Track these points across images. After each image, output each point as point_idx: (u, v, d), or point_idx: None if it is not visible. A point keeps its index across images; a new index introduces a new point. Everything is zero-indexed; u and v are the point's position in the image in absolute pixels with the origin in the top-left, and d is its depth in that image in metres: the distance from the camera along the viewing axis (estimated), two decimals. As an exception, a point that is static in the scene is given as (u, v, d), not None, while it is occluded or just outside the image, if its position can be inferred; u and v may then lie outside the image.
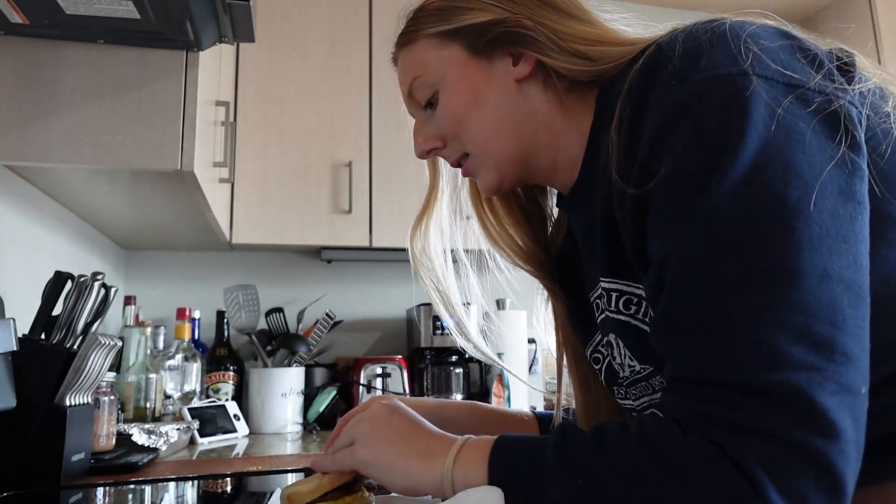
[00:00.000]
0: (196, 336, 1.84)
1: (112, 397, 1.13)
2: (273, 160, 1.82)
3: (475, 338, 0.82)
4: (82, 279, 1.03)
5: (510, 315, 1.97)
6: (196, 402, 1.63)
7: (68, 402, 0.98)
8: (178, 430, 1.34)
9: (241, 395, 1.81)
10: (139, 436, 1.21)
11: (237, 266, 2.07)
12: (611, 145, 0.54)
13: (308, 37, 1.90)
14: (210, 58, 1.24)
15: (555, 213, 0.81)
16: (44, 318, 1.02)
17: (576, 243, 0.74)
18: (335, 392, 1.82)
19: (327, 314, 1.83)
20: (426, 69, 0.68)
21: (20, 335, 0.92)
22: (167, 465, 1.18)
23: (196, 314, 1.86)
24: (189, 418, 1.50)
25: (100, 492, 0.97)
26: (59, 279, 1.04)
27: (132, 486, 1.01)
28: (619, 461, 0.46)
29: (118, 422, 1.25)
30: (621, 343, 0.63)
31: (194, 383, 1.70)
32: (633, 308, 0.60)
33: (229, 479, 1.07)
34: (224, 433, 1.56)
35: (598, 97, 0.63)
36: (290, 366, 1.79)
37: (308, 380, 1.84)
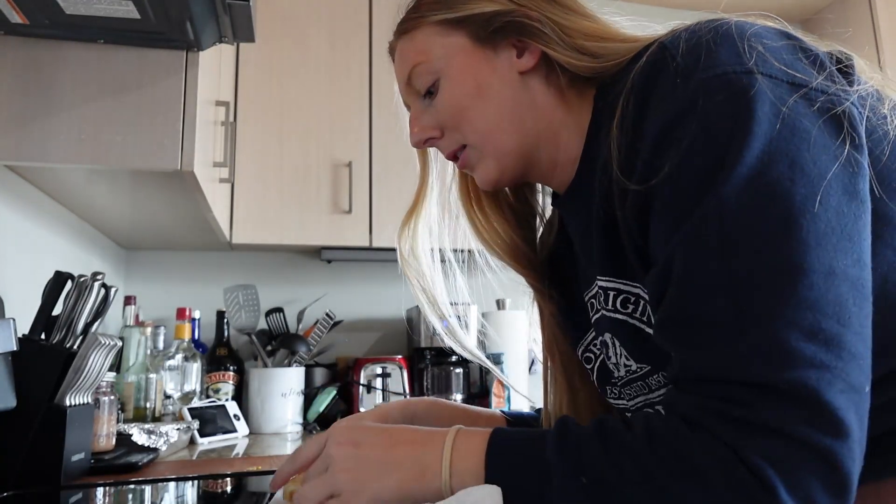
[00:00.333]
0: (196, 336, 1.84)
1: (112, 397, 1.13)
2: (273, 160, 1.82)
3: (462, 338, 0.80)
4: (82, 279, 1.03)
5: (510, 315, 1.97)
6: (196, 402, 1.63)
7: (68, 402, 0.98)
8: (178, 430, 1.34)
9: (241, 395, 1.81)
10: (139, 436, 1.21)
11: (237, 266, 2.07)
12: (612, 142, 0.54)
13: (308, 37, 1.90)
14: (210, 58, 1.24)
15: (547, 212, 0.81)
16: (44, 318, 1.02)
17: (569, 243, 0.73)
18: (335, 392, 1.82)
19: (327, 314, 1.83)
20: (428, 56, 0.66)
21: (20, 335, 0.92)
22: (167, 465, 1.18)
23: (196, 314, 1.86)
24: (189, 418, 1.50)
25: (100, 492, 0.97)
26: (59, 279, 1.04)
27: (132, 486, 1.01)
28: (625, 459, 0.46)
29: (118, 422, 1.25)
30: (617, 342, 0.63)
31: (194, 383, 1.70)
32: (630, 307, 0.60)
33: (229, 479, 1.07)
34: (224, 433, 1.56)
35: (597, 94, 0.63)
36: (290, 366, 1.79)
37: (308, 380, 1.84)
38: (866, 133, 0.50)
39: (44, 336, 1.01)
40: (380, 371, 1.88)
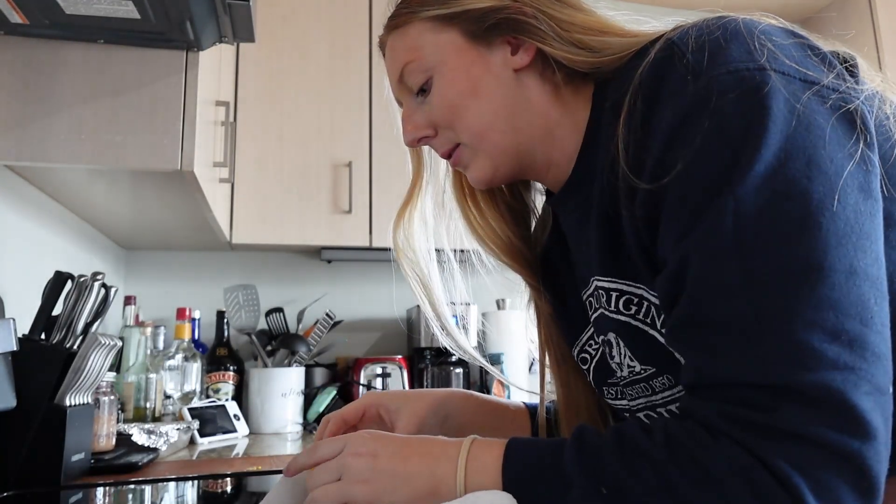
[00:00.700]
0: (196, 336, 1.84)
1: (112, 397, 1.13)
2: (273, 160, 1.82)
3: (458, 335, 0.79)
4: (82, 279, 1.03)
5: (510, 315, 1.97)
6: (196, 402, 1.63)
7: (68, 402, 0.98)
8: (178, 430, 1.34)
9: (241, 395, 1.81)
10: (139, 436, 1.21)
11: (237, 266, 2.07)
12: (618, 140, 0.53)
13: (308, 37, 1.90)
14: (210, 58, 1.24)
15: (538, 209, 0.80)
16: (44, 318, 1.02)
17: (563, 241, 0.73)
18: (335, 392, 1.82)
19: (327, 314, 1.83)
20: (420, 53, 0.65)
21: (20, 335, 0.92)
22: (167, 465, 1.18)
23: (196, 314, 1.86)
24: (189, 418, 1.50)
25: (100, 492, 0.97)
26: (59, 279, 1.04)
27: (132, 486, 1.01)
28: (646, 467, 0.44)
29: (118, 422, 1.25)
30: (622, 342, 0.62)
31: (194, 383, 1.70)
32: (633, 308, 0.59)
33: (229, 479, 1.07)
34: (224, 433, 1.56)
35: (596, 91, 0.62)
36: (290, 366, 1.79)
37: (308, 380, 1.84)
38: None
39: (44, 336, 1.01)
40: (380, 371, 1.88)
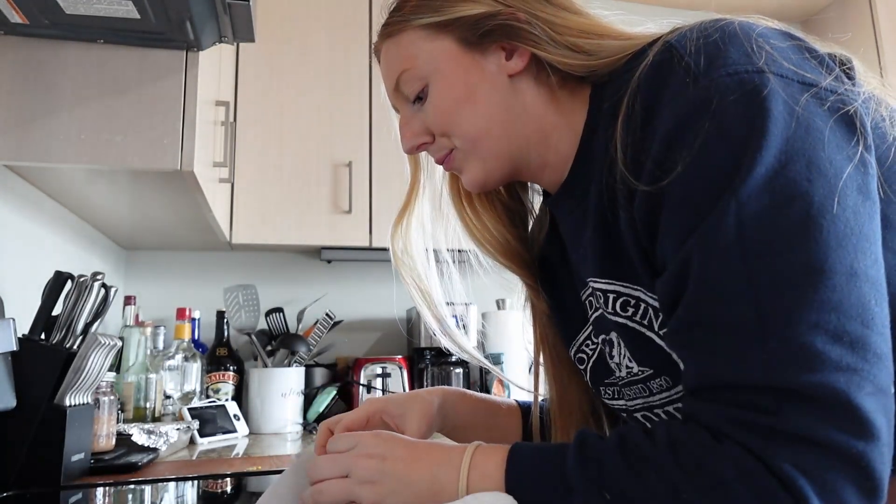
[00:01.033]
0: (196, 336, 1.84)
1: (112, 397, 1.14)
2: (273, 160, 1.82)
3: (459, 338, 0.79)
4: (82, 279, 1.03)
5: (510, 315, 1.97)
6: (196, 402, 1.63)
7: (68, 402, 0.98)
8: (178, 430, 1.34)
9: (241, 395, 1.81)
10: (139, 436, 1.21)
11: (237, 266, 2.07)
12: (616, 142, 0.53)
13: (308, 37, 1.90)
14: (210, 58, 1.24)
15: (536, 208, 0.80)
16: (44, 318, 1.02)
17: (561, 241, 0.73)
18: (335, 392, 1.82)
19: (327, 314, 1.83)
20: (415, 62, 0.65)
21: (20, 335, 0.92)
22: (167, 465, 1.18)
23: (196, 314, 1.86)
24: (189, 418, 1.50)
25: (100, 492, 0.97)
26: (59, 279, 1.04)
27: (132, 486, 1.01)
28: (649, 473, 0.44)
29: (118, 422, 1.25)
30: (622, 343, 0.62)
31: (194, 383, 1.70)
32: (630, 310, 0.59)
33: (229, 479, 1.07)
34: (224, 433, 1.56)
35: (593, 93, 0.62)
36: (290, 366, 1.79)
37: (308, 380, 1.84)
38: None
39: (44, 336, 1.01)
40: (380, 371, 1.88)
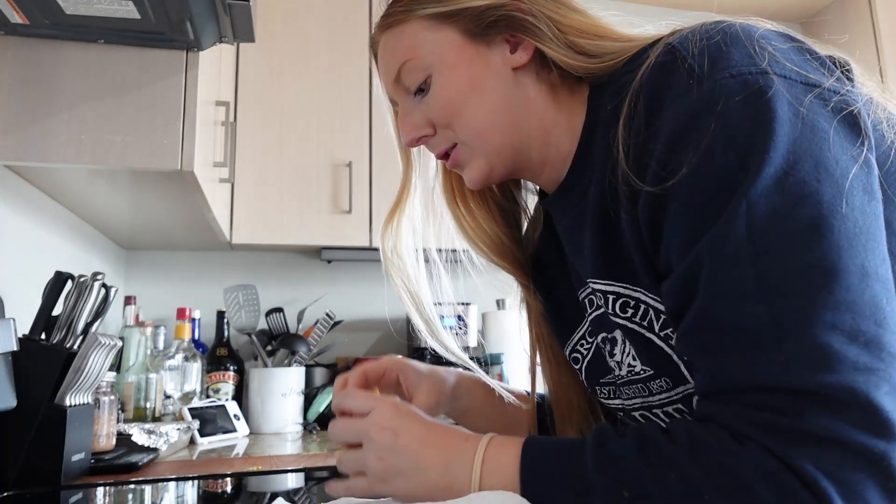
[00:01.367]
0: (196, 336, 1.84)
1: (112, 397, 1.14)
2: (273, 160, 1.82)
3: (446, 339, 0.79)
4: (82, 279, 1.03)
5: (510, 315, 1.97)
6: (196, 402, 1.63)
7: (68, 402, 0.98)
8: (178, 430, 1.34)
9: (241, 395, 1.81)
10: (139, 436, 1.21)
11: (237, 266, 2.07)
12: (618, 143, 0.53)
13: (308, 37, 1.90)
14: (210, 58, 1.24)
15: (530, 208, 0.80)
16: (44, 318, 1.02)
17: (556, 240, 0.73)
18: (335, 392, 1.82)
19: (327, 314, 1.83)
20: (418, 52, 0.64)
21: (20, 335, 0.92)
22: (167, 465, 1.18)
23: (196, 314, 1.86)
24: (189, 418, 1.50)
25: (100, 492, 0.97)
26: (59, 279, 1.04)
27: (132, 486, 1.01)
28: (670, 473, 0.44)
29: (118, 422, 1.25)
30: (627, 341, 0.62)
31: (194, 383, 1.70)
32: (629, 311, 0.59)
33: (229, 479, 1.07)
34: (224, 433, 1.56)
35: (591, 94, 0.62)
36: (290, 366, 1.79)
37: (308, 380, 1.84)
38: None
39: (44, 336, 1.01)
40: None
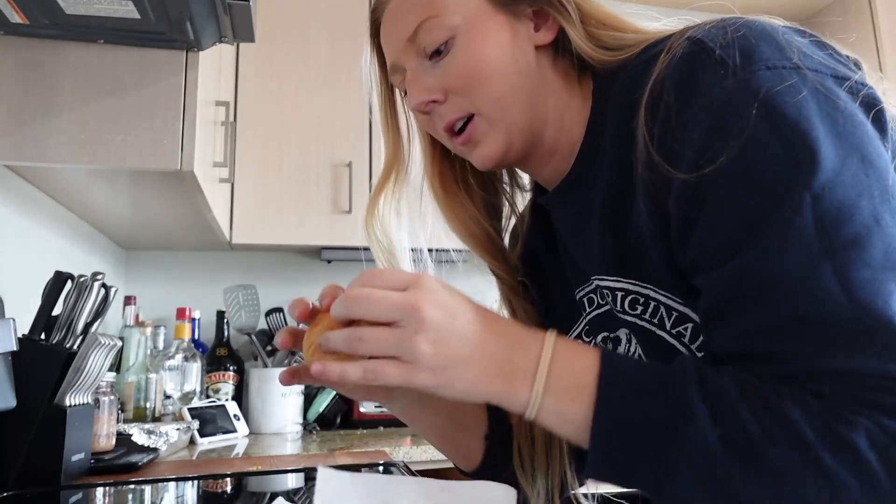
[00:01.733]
0: (196, 336, 1.84)
1: (112, 397, 1.13)
2: (273, 160, 1.82)
3: None
4: (82, 279, 1.03)
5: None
6: (196, 402, 1.63)
7: (68, 402, 0.98)
8: (178, 430, 1.34)
9: (241, 395, 1.82)
10: (139, 436, 1.21)
11: (237, 266, 2.07)
12: (641, 132, 0.52)
13: (308, 37, 1.90)
14: (210, 58, 1.24)
15: (517, 206, 0.77)
16: (44, 318, 1.02)
17: (550, 236, 0.71)
18: (335, 392, 1.82)
19: (327, 314, 1.83)
20: (443, 10, 0.60)
21: (20, 335, 0.92)
22: (167, 465, 1.18)
23: (196, 314, 1.86)
24: (189, 418, 1.51)
25: (100, 492, 0.97)
26: (59, 279, 1.04)
27: (132, 486, 1.01)
28: (773, 420, 0.42)
29: (118, 422, 1.25)
30: (634, 340, 0.62)
31: (194, 383, 1.70)
32: (638, 308, 0.58)
33: (229, 479, 1.07)
34: (224, 433, 1.56)
35: (597, 85, 0.61)
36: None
37: (308, 380, 1.83)
38: None
39: (44, 336, 1.01)
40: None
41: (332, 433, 1.73)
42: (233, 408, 1.66)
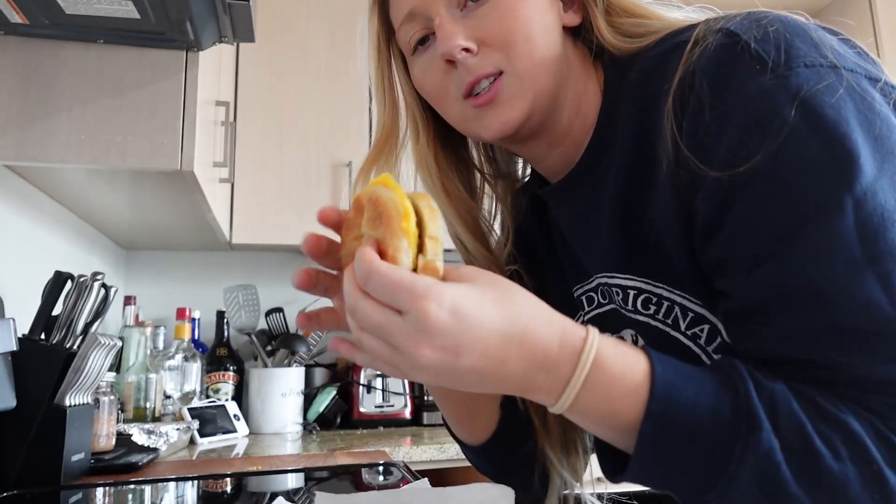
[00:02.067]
0: (196, 336, 1.84)
1: (112, 397, 1.13)
2: (273, 160, 1.82)
3: None
4: (82, 279, 1.03)
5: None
6: (196, 402, 1.63)
7: (68, 402, 0.98)
8: (178, 430, 1.34)
9: (241, 395, 1.81)
10: (139, 436, 1.21)
11: (237, 266, 2.07)
12: (669, 125, 0.50)
13: (308, 37, 1.90)
14: (210, 58, 1.24)
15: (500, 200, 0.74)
16: (44, 318, 1.02)
17: (545, 232, 0.70)
18: (335, 392, 1.82)
19: (327, 314, 1.83)
20: None
21: (20, 335, 0.93)
22: (167, 465, 1.18)
23: (196, 314, 1.86)
24: (189, 418, 1.50)
25: (100, 492, 0.97)
26: (59, 279, 1.04)
27: (132, 486, 1.01)
28: (837, 438, 0.42)
29: (118, 422, 1.25)
30: (641, 340, 0.60)
31: (194, 383, 1.70)
32: (651, 308, 0.57)
33: (229, 479, 1.07)
34: (224, 433, 1.56)
35: (609, 73, 0.60)
36: (290, 366, 1.79)
37: (308, 380, 1.84)
38: None
39: (44, 336, 1.01)
40: (380, 371, 1.88)
41: (332, 433, 1.73)
42: (233, 408, 1.66)
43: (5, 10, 0.94)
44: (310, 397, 1.82)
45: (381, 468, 1.13)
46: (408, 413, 1.85)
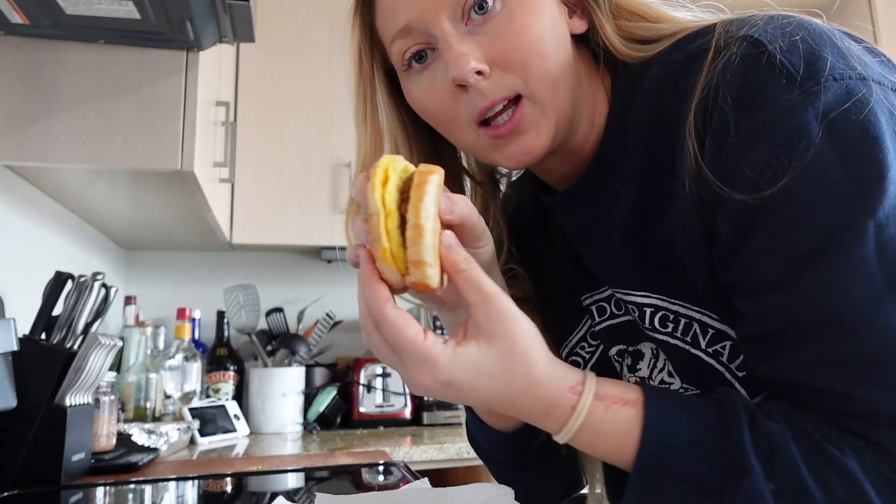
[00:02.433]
0: (196, 336, 1.84)
1: (112, 397, 1.14)
2: (273, 160, 1.82)
3: None
4: (82, 279, 1.03)
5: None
6: (196, 402, 1.63)
7: (68, 402, 0.98)
8: (178, 430, 1.34)
9: (241, 395, 1.82)
10: (139, 436, 1.21)
11: (237, 266, 2.07)
12: (690, 142, 0.47)
13: (308, 37, 1.90)
14: (210, 58, 1.24)
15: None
16: (44, 318, 1.02)
17: (549, 242, 0.68)
18: (335, 392, 1.82)
19: (327, 314, 1.83)
20: None
21: (20, 335, 0.93)
22: (167, 465, 1.18)
23: (196, 314, 1.86)
24: (189, 418, 1.51)
25: (100, 492, 0.97)
26: (60, 279, 1.04)
27: (132, 486, 1.01)
28: (833, 476, 0.42)
29: (118, 422, 1.25)
30: (662, 356, 0.59)
31: (194, 383, 1.70)
32: (669, 325, 0.55)
33: (229, 479, 1.07)
34: (224, 433, 1.56)
35: (617, 81, 0.57)
36: (290, 366, 1.79)
37: (308, 380, 1.84)
38: None
39: (44, 336, 1.01)
40: (380, 371, 1.88)
41: (332, 433, 1.73)
42: (233, 408, 1.66)
43: (5, 10, 0.94)
44: (310, 397, 1.82)
45: (381, 468, 1.13)
46: (408, 413, 1.85)
